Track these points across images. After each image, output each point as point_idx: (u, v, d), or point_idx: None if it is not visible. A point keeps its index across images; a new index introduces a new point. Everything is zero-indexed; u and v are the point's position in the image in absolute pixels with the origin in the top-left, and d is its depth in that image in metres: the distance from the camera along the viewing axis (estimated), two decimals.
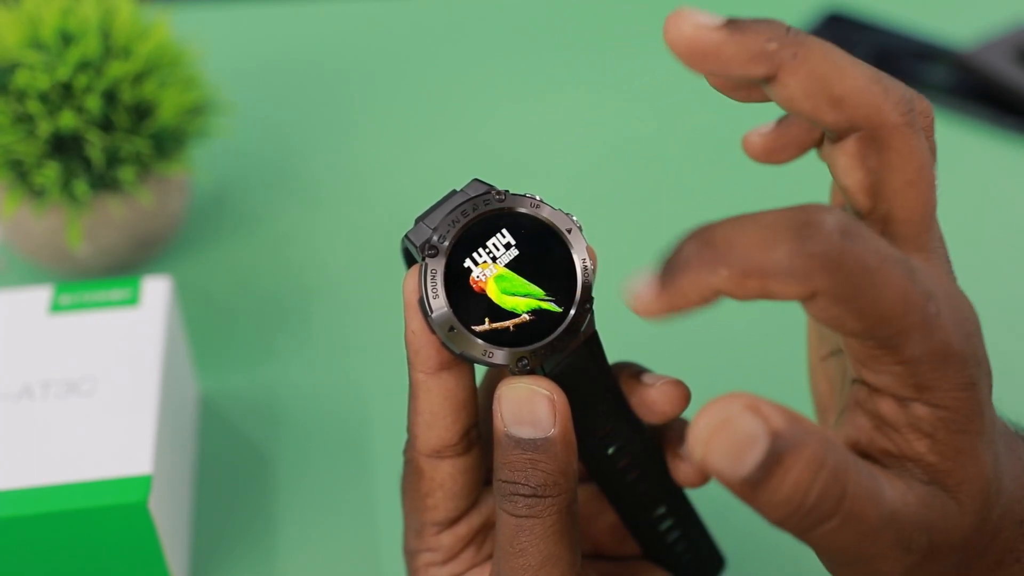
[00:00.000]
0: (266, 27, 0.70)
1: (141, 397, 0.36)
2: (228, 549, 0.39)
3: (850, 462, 0.22)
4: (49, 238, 0.47)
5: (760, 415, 0.21)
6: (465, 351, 0.26)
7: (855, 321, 0.22)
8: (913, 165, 0.24)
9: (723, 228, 0.22)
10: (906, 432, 0.24)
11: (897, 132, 0.24)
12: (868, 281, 0.22)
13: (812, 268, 0.21)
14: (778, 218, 0.22)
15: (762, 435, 0.21)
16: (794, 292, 0.22)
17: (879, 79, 0.24)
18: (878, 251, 0.22)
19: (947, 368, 0.23)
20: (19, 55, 0.44)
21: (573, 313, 0.27)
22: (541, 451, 0.26)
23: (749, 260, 0.21)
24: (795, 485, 0.21)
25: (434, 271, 0.26)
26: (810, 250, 0.21)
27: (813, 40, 0.24)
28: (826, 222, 0.21)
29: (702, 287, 0.22)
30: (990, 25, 0.70)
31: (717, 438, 0.21)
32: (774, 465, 0.21)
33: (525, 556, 0.26)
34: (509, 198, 0.27)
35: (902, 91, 0.24)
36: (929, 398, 0.23)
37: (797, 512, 0.21)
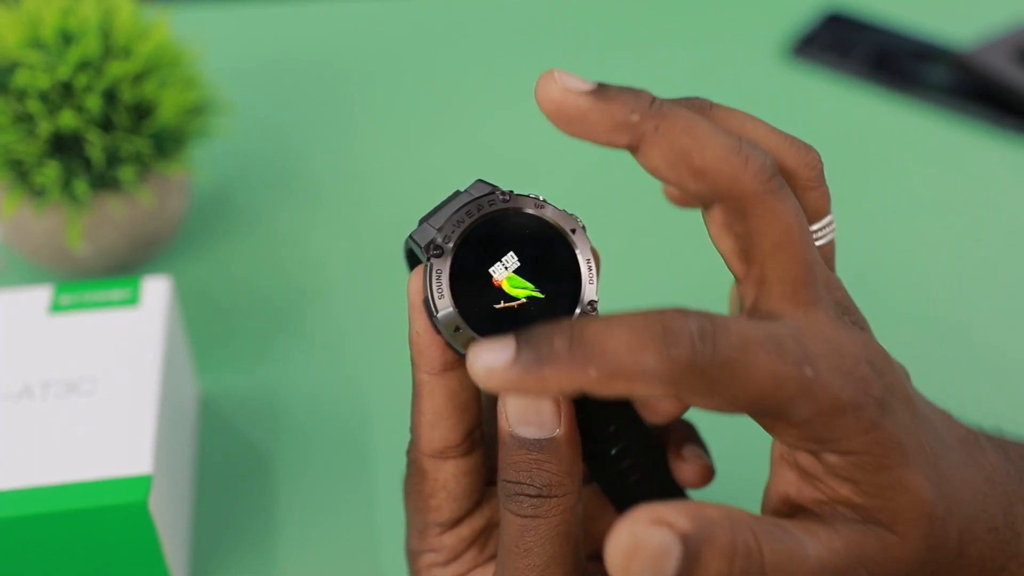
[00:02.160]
0: (266, 27, 0.70)
1: (141, 397, 0.36)
2: (228, 549, 0.39)
3: (762, 533, 0.23)
4: (49, 238, 0.47)
5: (665, 524, 0.22)
6: None
7: (729, 407, 0.23)
8: (778, 229, 0.25)
9: (594, 328, 0.23)
10: (828, 480, 0.25)
11: (757, 199, 0.25)
12: (731, 374, 0.23)
13: (675, 373, 0.22)
14: (644, 323, 0.22)
15: (673, 543, 0.22)
16: (657, 393, 0.23)
17: (739, 150, 0.25)
18: (740, 342, 0.23)
19: (842, 419, 0.24)
20: (19, 55, 0.44)
21: (578, 313, 0.27)
22: (546, 451, 0.26)
23: (617, 363, 0.22)
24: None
25: (439, 271, 0.26)
26: (674, 355, 0.22)
27: (676, 112, 0.24)
28: (686, 327, 0.22)
29: (567, 382, 0.22)
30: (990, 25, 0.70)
31: (634, 562, 0.22)
32: (692, 566, 0.22)
33: (530, 556, 0.26)
34: (513, 199, 0.27)
35: (762, 159, 0.25)
36: (835, 447, 0.24)
37: None
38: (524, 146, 0.60)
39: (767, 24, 0.70)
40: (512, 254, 0.27)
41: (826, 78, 0.65)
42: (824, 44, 0.66)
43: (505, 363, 0.22)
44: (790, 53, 0.66)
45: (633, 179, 0.57)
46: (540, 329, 0.23)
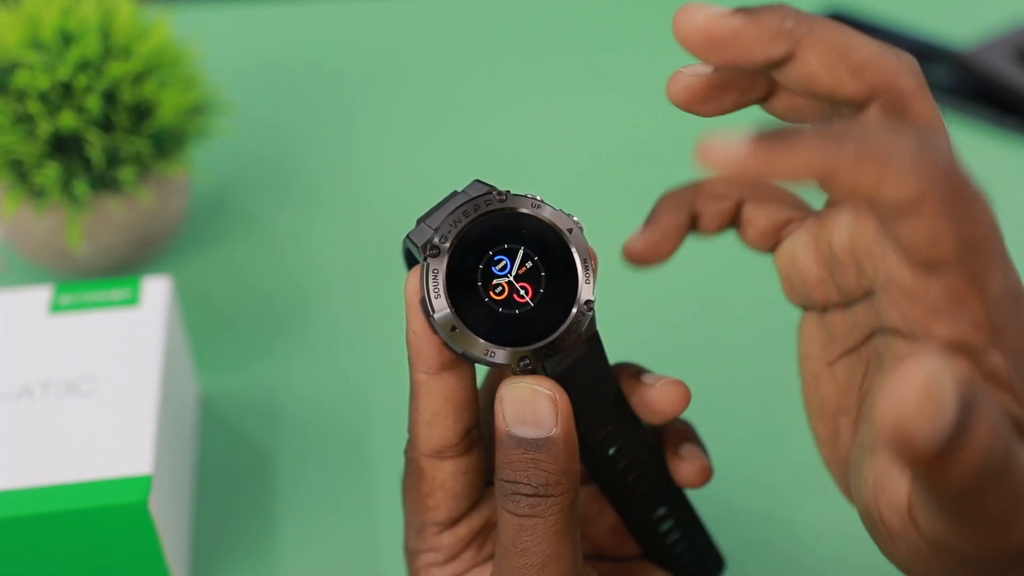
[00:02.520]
0: (266, 27, 0.70)
1: (141, 397, 0.36)
2: (228, 549, 0.39)
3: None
4: (49, 238, 0.47)
5: (956, 371, 0.18)
6: (467, 351, 0.26)
7: (952, 241, 0.22)
8: (932, 126, 0.25)
9: (850, 122, 0.22)
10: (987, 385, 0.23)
11: (914, 96, 0.24)
12: (969, 206, 0.22)
13: (931, 170, 0.21)
14: (901, 127, 0.22)
15: (955, 397, 0.18)
16: (906, 190, 0.21)
17: (890, 48, 0.24)
18: (976, 186, 0.22)
19: (1018, 306, 0.23)
20: (19, 55, 0.44)
21: (574, 313, 0.27)
22: (543, 451, 0.26)
23: (876, 144, 0.21)
24: (990, 433, 0.19)
25: (436, 271, 0.26)
26: (932, 154, 0.21)
27: (823, 18, 0.24)
28: (946, 144, 0.22)
29: (816, 160, 0.21)
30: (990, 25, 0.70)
31: (925, 402, 0.18)
32: (970, 426, 0.19)
33: (527, 555, 0.26)
34: (510, 198, 0.27)
35: (910, 58, 0.25)
36: (1003, 341, 0.22)
37: (980, 477, 0.19)
38: (523, 146, 0.60)
39: None
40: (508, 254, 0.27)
41: None
42: None
43: (742, 142, 0.22)
44: None
45: (632, 179, 0.57)
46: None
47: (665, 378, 0.29)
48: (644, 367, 0.30)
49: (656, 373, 0.30)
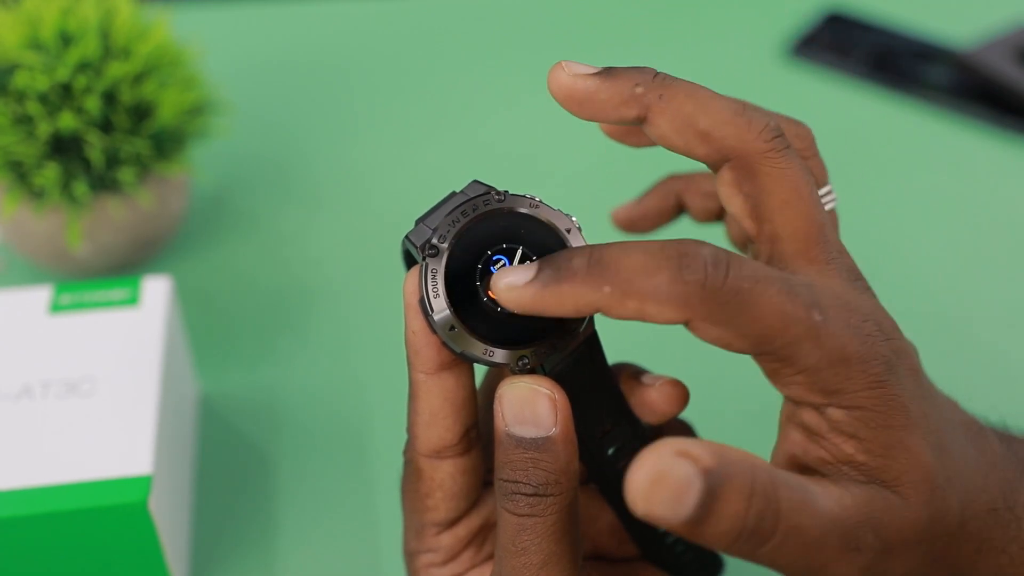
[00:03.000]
0: (266, 27, 0.70)
1: (141, 397, 0.36)
2: (228, 549, 0.39)
3: (779, 480, 0.23)
4: (49, 238, 0.47)
5: (690, 457, 0.22)
6: (466, 350, 0.26)
7: (738, 341, 0.24)
8: (786, 186, 0.25)
9: (612, 250, 0.24)
10: (832, 437, 0.25)
11: (764, 158, 0.25)
12: (741, 304, 0.23)
13: (687, 295, 0.23)
14: (660, 248, 0.24)
15: (695, 477, 0.21)
16: (670, 316, 0.23)
17: (743, 111, 0.26)
18: (752, 275, 0.23)
19: (848, 370, 0.24)
20: (19, 56, 0.44)
21: None
22: (542, 450, 0.26)
23: (631, 283, 0.23)
24: (734, 515, 0.22)
25: (434, 271, 0.26)
26: (687, 278, 0.23)
27: (678, 82, 0.26)
28: (700, 253, 0.23)
29: (582, 300, 0.24)
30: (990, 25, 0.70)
31: (655, 489, 0.21)
32: (711, 502, 0.22)
33: (527, 555, 0.26)
34: (508, 199, 0.27)
35: (766, 119, 0.26)
36: (839, 401, 0.24)
37: (739, 538, 0.22)
38: (524, 146, 0.60)
39: (767, 24, 0.70)
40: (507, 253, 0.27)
41: (826, 78, 0.65)
42: (824, 44, 0.66)
43: (526, 280, 0.24)
44: (790, 53, 0.66)
45: (631, 179, 0.57)
46: (562, 251, 0.25)
47: (664, 378, 0.29)
48: (643, 367, 0.31)
49: (655, 373, 0.30)
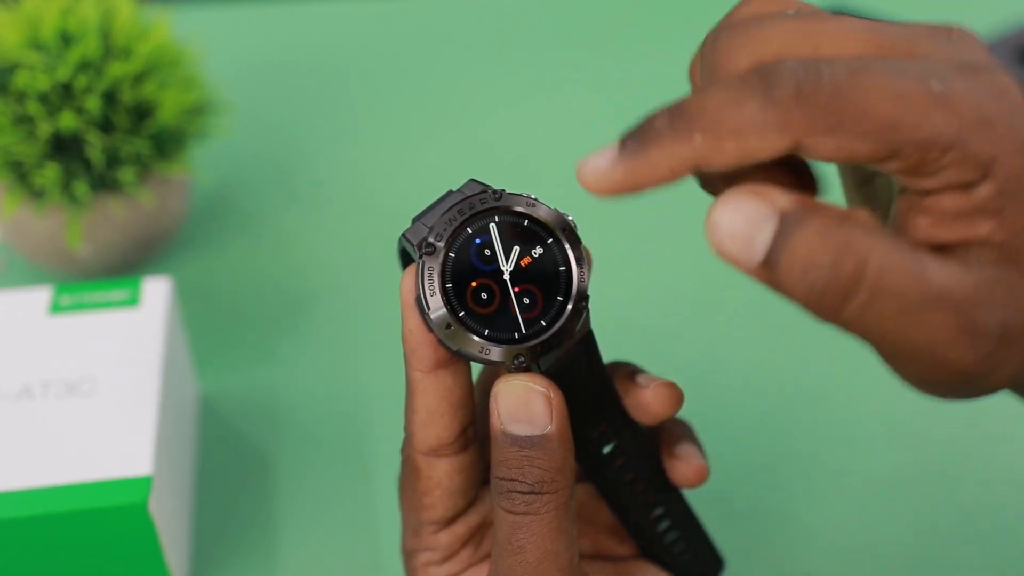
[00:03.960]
0: (266, 27, 0.70)
1: (141, 398, 0.36)
2: (228, 549, 0.39)
3: (875, 234, 0.21)
4: (49, 238, 0.47)
5: (766, 198, 0.21)
6: (462, 348, 0.26)
7: (862, 144, 0.21)
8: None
9: (690, 99, 0.22)
10: (971, 218, 0.22)
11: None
12: (847, 100, 0.21)
13: (786, 113, 0.21)
14: (739, 79, 0.22)
15: (769, 215, 0.21)
16: (776, 143, 0.21)
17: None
18: (849, 67, 0.21)
19: (994, 132, 0.22)
20: (19, 55, 0.44)
21: (569, 311, 0.27)
22: (538, 448, 0.26)
23: (722, 121, 0.21)
24: (808, 256, 0.21)
25: (431, 269, 0.26)
26: (778, 95, 0.21)
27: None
28: (784, 67, 0.21)
29: (676, 157, 0.22)
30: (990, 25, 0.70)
31: (728, 228, 0.21)
32: (784, 242, 0.21)
33: (523, 553, 0.26)
34: (505, 197, 0.27)
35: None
36: (995, 170, 0.22)
37: (818, 285, 0.21)
38: (523, 146, 0.60)
39: None
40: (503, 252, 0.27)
41: None
42: None
43: (612, 160, 0.22)
44: None
45: None
46: (641, 121, 0.22)
47: (659, 380, 0.29)
48: (639, 367, 0.31)
49: (650, 374, 0.30)
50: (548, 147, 0.60)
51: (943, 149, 0.22)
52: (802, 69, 0.21)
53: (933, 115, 0.21)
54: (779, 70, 0.21)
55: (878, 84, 0.21)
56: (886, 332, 0.22)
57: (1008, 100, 0.22)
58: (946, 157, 0.22)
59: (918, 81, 0.21)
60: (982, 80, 0.22)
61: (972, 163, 0.22)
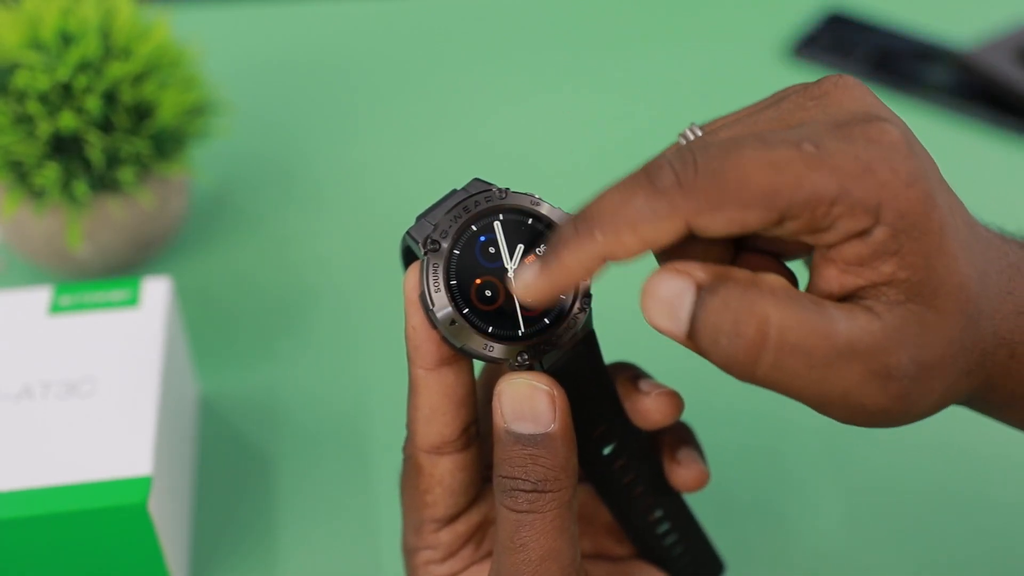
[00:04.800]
0: (266, 27, 0.70)
1: (141, 398, 0.36)
2: (228, 549, 0.39)
3: (778, 295, 0.23)
4: (49, 238, 0.47)
5: (685, 273, 0.23)
6: (466, 345, 0.26)
7: (751, 214, 0.23)
8: None
9: (590, 203, 0.24)
10: (873, 261, 0.23)
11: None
12: (724, 178, 0.23)
13: (670, 201, 0.23)
14: (629, 177, 0.24)
15: (687, 289, 0.23)
16: (668, 229, 0.23)
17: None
18: (721, 148, 0.23)
19: (876, 176, 0.23)
20: (19, 55, 0.44)
21: (573, 310, 0.27)
22: (541, 446, 0.26)
23: (616, 218, 0.23)
24: (716, 323, 0.23)
25: (436, 266, 0.26)
26: (660, 186, 0.23)
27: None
28: (663, 160, 0.23)
29: (585, 256, 0.24)
30: (991, 25, 0.70)
31: (655, 303, 0.23)
32: (699, 313, 0.23)
33: (525, 551, 0.26)
34: (509, 196, 0.27)
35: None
36: (885, 214, 0.23)
37: (728, 350, 0.23)
38: (525, 145, 0.60)
39: (768, 24, 0.70)
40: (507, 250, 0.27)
41: None
42: (825, 44, 0.66)
43: (536, 271, 0.25)
44: (791, 53, 0.66)
45: None
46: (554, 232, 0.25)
47: (661, 387, 0.29)
48: (642, 370, 0.30)
49: (653, 379, 0.30)
50: (548, 147, 0.60)
51: (829, 204, 0.23)
52: (678, 158, 0.23)
53: (810, 175, 0.23)
54: (658, 162, 0.23)
55: (751, 157, 0.23)
56: (800, 387, 0.23)
57: (886, 143, 0.23)
58: (834, 211, 0.23)
59: (790, 147, 0.23)
60: (855, 131, 0.23)
61: (860, 211, 0.23)
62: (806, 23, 0.70)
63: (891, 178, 0.23)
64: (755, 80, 0.65)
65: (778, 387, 0.23)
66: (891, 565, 0.39)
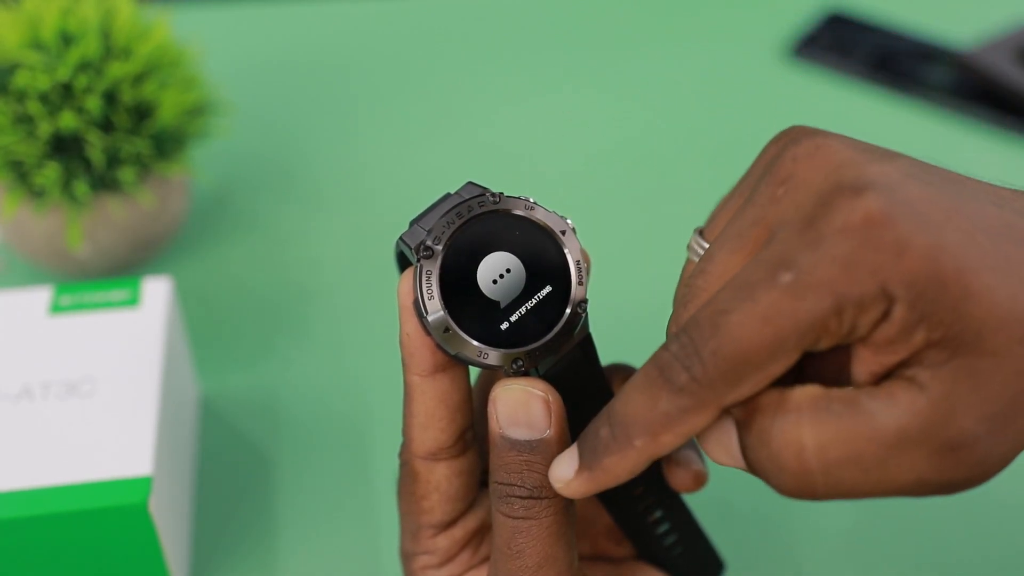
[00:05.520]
0: (266, 27, 0.70)
1: (141, 398, 0.36)
2: (228, 549, 0.39)
3: (804, 413, 0.23)
4: (49, 238, 0.47)
5: (726, 413, 0.24)
6: (460, 352, 0.26)
7: (771, 368, 0.23)
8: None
9: (618, 405, 0.25)
10: (903, 337, 0.22)
11: None
12: (730, 355, 0.23)
13: (696, 397, 0.23)
14: (645, 376, 0.24)
15: (730, 430, 0.25)
16: (703, 421, 0.23)
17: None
18: (712, 326, 0.23)
19: (864, 264, 0.22)
20: (19, 55, 0.44)
21: (568, 315, 0.27)
22: (537, 452, 0.26)
23: (649, 425, 0.24)
24: (760, 463, 0.23)
25: (429, 272, 0.26)
26: (678, 386, 0.23)
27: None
28: (669, 354, 0.24)
29: (628, 464, 0.25)
30: (991, 25, 0.70)
31: (710, 445, 0.25)
32: (745, 453, 0.24)
33: (522, 558, 0.26)
34: (503, 200, 0.27)
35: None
36: (892, 293, 0.22)
37: (784, 485, 0.23)
38: (526, 146, 0.60)
39: (767, 24, 0.70)
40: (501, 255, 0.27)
41: (827, 78, 0.65)
42: (825, 44, 0.66)
43: (574, 470, 0.25)
44: (791, 53, 0.66)
45: (630, 179, 0.57)
46: (588, 428, 0.26)
47: None
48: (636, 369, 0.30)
49: None
50: (548, 147, 0.60)
51: (836, 315, 0.22)
52: (681, 351, 0.23)
53: (800, 306, 0.22)
54: (666, 359, 0.24)
55: (740, 323, 0.23)
56: (869, 491, 0.23)
57: (859, 225, 0.22)
58: (845, 317, 0.22)
59: (768, 288, 0.22)
60: (824, 227, 0.22)
61: (868, 304, 0.22)
62: (806, 23, 0.70)
63: (879, 257, 0.22)
64: (755, 80, 0.65)
65: (850, 497, 0.23)
66: (891, 565, 0.39)
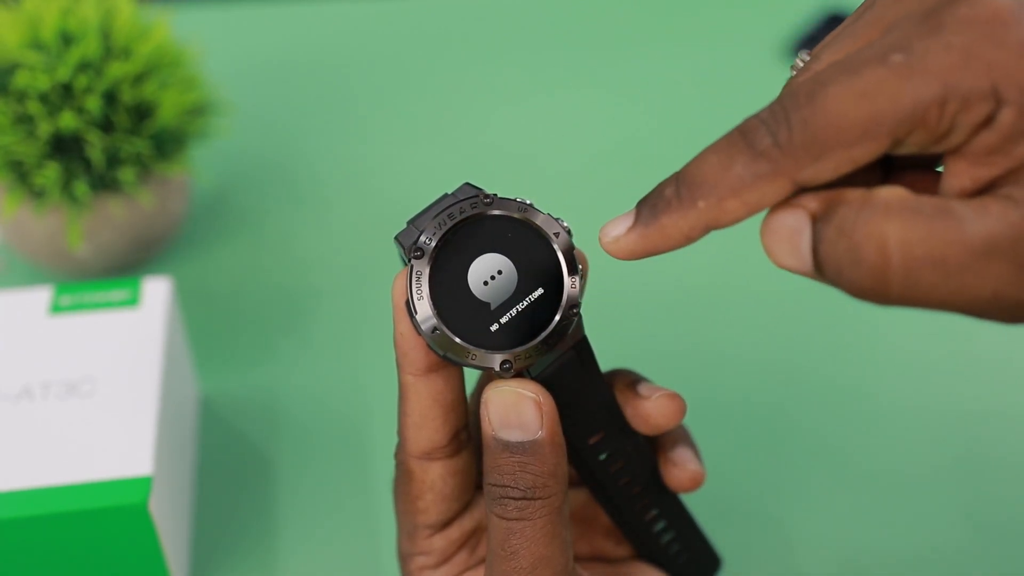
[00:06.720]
0: (266, 27, 0.70)
1: (141, 398, 0.36)
2: (228, 549, 0.39)
3: (893, 209, 0.21)
4: (49, 238, 0.47)
5: (798, 207, 0.22)
6: (449, 353, 0.26)
7: (858, 150, 0.22)
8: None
9: (689, 166, 0.24)
10: (1005, 147, 0.22)
11: None
12: (819, 124, 0.22)
13: (772, 163, 0.22)
14: (725, 140, 0.23)
15: (803, 224, 0.22)
16: (774, 193, 0.23)
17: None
18: (808, 95, 0.22)
19: (980, 60, 0.21)
20: (19, 56, 0.44)
21: (559, 317, 0.26)
22: (529, 453, 0.26)
23: (718, 185, 0.23)
24: (835, 255, 0.22)
25: (419, 273, 0.26)
26: (760, 148, 0.22)
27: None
28: (757, 121, 0.23)
29: (687, 224, 0.23)
30: None
31: (774, 242, 0.23)
32: (818, 247, 0.22)
33: (517, 559, 0.26)
34: (497, 202, 0.27)
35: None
36: (1003, 95, 0.21)
37: (855, 280, 0.22)
38: (526, 145, 0.60)
39: (767, 24, 0.70)
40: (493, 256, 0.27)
41: None
42: None
43: (628, 226, 0.24)
44: (791, 53, 0.66)
45: (633, 180, 0.57)
46: (656, 187, 0.24)
47: (661, 390, 0.29)
48: (640, 374, 0.30)
49: (652, 383, 0.30)
50: (548, 147, 0.60)
51: (939, 106, 0.21)
52: (771, 117, 0.22)
53: (906, 87, 0.21)
54: (753, 123, 0.23)
55: (838, 94, 0.22)
56: (943, 299, 0.22)
57: (984, 19, 0.21)
58: (948, 111, 0.21)
59: (876, 65, 0.22)
60: (946, 18, 0.22)
61: (976, 100, 0.21)
62: (806, 23, 0.69)
63: (999, 55, 0.21)
64: (755, 80, 0.65)
65: (920, 304, 0.22)
66: (891, 565, 0.39)
